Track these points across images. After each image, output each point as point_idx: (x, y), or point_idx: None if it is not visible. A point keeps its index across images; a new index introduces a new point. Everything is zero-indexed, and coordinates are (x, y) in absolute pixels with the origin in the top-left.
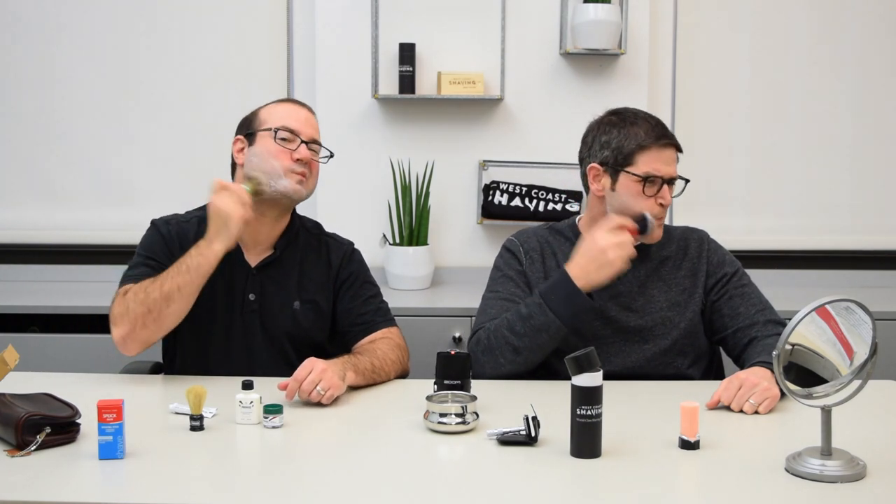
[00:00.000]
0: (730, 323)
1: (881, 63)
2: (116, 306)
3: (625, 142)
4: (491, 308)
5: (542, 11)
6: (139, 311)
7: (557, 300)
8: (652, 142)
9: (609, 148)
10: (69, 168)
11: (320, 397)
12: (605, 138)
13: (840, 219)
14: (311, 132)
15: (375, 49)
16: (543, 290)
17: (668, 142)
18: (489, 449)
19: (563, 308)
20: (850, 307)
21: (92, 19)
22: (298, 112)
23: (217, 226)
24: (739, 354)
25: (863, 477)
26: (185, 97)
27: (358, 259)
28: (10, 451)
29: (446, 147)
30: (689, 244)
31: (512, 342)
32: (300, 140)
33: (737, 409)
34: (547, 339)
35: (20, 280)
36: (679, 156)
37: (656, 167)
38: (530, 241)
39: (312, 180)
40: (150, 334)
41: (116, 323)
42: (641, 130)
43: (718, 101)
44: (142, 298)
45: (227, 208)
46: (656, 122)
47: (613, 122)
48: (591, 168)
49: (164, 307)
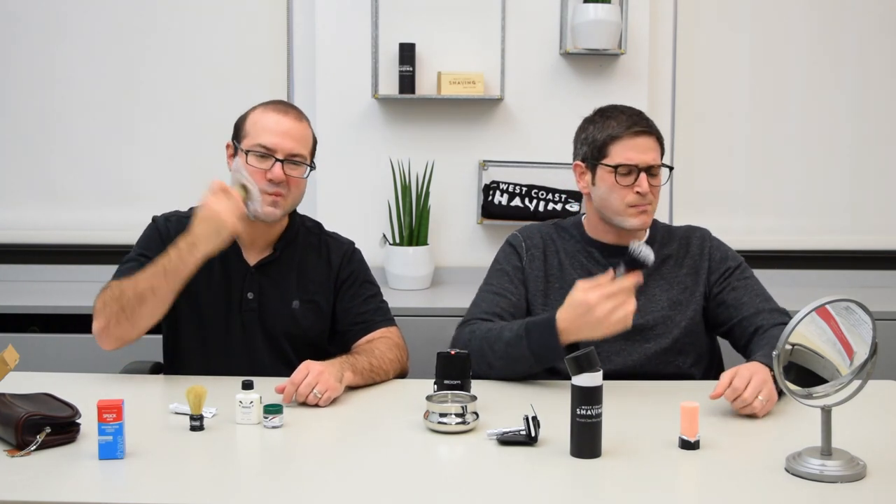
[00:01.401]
0: (735, 313)
1: (881, 63)
2: (98, 299)
3: (598, 134)
4: (482, 301)
5: (542, 11)
6: (114, 309)
7: (537, 342)
8: (622, 131)
9: (587, 143)
10: (69, 168)
11: (317, 400)
12: (584, 135)
13: (840, 219)
14: (290, 146)
15: (375, 49)
16: (529, 327)
17: (641, 129)
18: (489, 449)
19: (540, 350)
20: (850, 307)
21: (92, 19)
22: (280, 123)
23: (206, 230)
24: (746, 344)
25: (863, 477)
26: (185, 97)
27: (358, 259)
28: (10, 451)
29: (446, 147)
30: (690, 242)
31: (488, 358)
32: (275, 159)
33: (750, 401)
34: (521, 369)
35: (20, 280)
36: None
37: (629, 156)
38: (534, 238)
39: (290, 198)
40: (124, 332)
41: (95, 316)
42: (615, 122)
43: (718, 101)
44: (116, 295)
45: (224, 215)
46: (632, 113)
47: (593, 119)
48: (576, 166)
49: (136, 307)
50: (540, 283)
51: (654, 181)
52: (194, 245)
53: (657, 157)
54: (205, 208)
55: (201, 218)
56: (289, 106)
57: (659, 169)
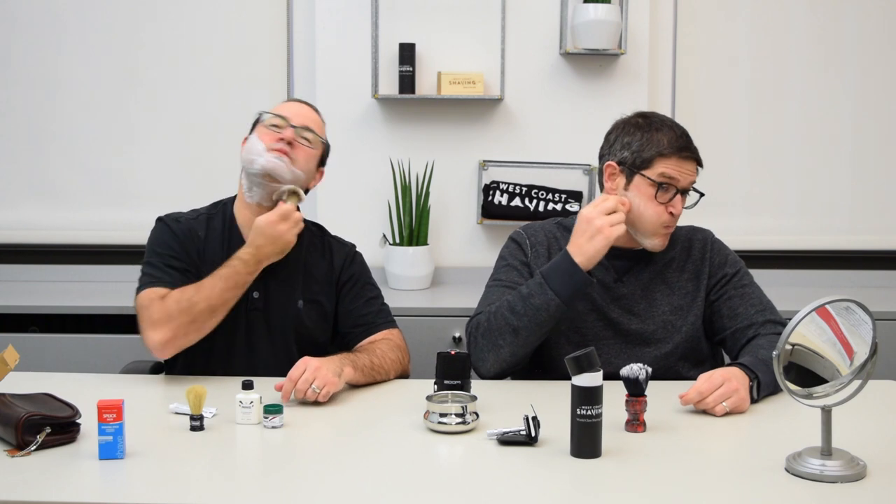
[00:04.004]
0: (728, 324)
1: (881, 63)
2: (156, 311)
3: (646, 146)
4: (492, 294)
5: (542, 11)
6: (183, 320)
7: (556, 278)
8: (673, 152)
9: (629, 149)
10: (69, 168)
11: (316, 396)
12: (628, 139)
13: (840, 219)
14: (302, 120)
15: (375, 49)
16: (545, 270)
17: (690, 155)
18: (489, 449)
19: (562, 286)
20: (850, 307)
21: (92, 19)
22: (296, 106)
23: (274, 251)
24: (737, 355)
25: (863, 477)
26: (185, 97)
27: (360, 261)
28: (10, 451)
29: (446, 147)
30: (692, 245)
31: (511, 322)
32: (289, 125)
33: (711, 406)
34: (546, 317)
35: (20, 280)
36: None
37: (672, 176)
38: (537, 235)
39: (298, 163)
40: (190, 341)
41: (157, 327)
42: (665, 138)
43: (718, 102)
44: (185, 307)
45: (290, 237)
46: (682, 133)
47: (639, 125)
48: (609, 165)
49: (208, 318)
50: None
51: (683, 202)
52: (259, 261)
53: (694, 180)
54: (271, 227)
55: (266, 236)
56: (307, 102)
57: (688, 191)
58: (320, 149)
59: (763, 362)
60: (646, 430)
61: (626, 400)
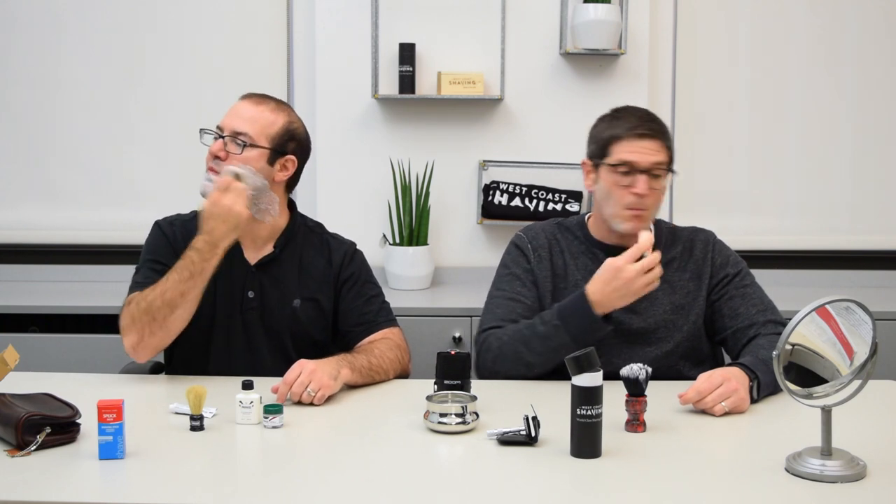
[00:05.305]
0: (729, 324)
1: (881, 63)
2: (123, 317)
3: (604, 134)
4: (497, 308)
5: (542, 11)
6: (145, 321)
7: (576, 326)
8: (625, 132)
9: (595, 142)
10: (69, 168)
11: (311, 398)
12: (594, 133)
13: (840, 219)
14: (233, 123)
15: (375, 49)
16: (563, 313)
17: (644, 132)
18: (489, 449)
19: (582, 333)
20: (850, 307)
21: (92, 19)
22: (236, 106)
23: (223, 226)
24: (738, 355)
25: (863, 477)
26: (185, 97)
27: (360, 259)
28: (10, 451)
29: (446, 147)
30: (694, 245)
31: (524, 358)
32: (218, 135)
33: (710, 405)
34: (561, 355)
35: (20, 280)
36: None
37: (629, 157)
38: (539, 239)
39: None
40: (158, 340)
41: (126, 332)
42: (624, 124)
43: (718, 101)
44: (144, 308)
45: (236, 207)
46: (641, 115)
47: (604, 118)
48: (583, 164)
49: (168, 314)
50: (548, 283)
51: (654, 184)
52: (214, 244)
53: (661, 159)
54: (215, 206)
55: (214, 216)
56: (258, 95)
57: (664, 172)
58: (266, 142)
59: (763, 362)
60: (646, 430)
61: (626, 400)
